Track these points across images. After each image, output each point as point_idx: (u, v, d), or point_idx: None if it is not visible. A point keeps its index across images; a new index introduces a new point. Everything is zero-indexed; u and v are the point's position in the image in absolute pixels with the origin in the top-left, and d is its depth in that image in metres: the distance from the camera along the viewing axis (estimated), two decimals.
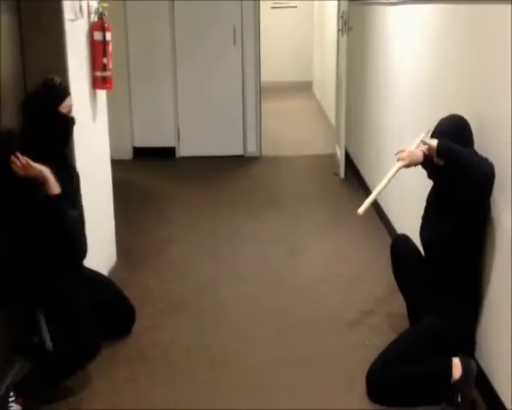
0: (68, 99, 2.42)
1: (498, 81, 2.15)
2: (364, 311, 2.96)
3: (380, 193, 2.56)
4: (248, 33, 5.80)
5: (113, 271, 3.37)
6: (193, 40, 5.77)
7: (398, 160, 2.44)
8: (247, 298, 3.12)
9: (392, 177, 2.49)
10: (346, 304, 3.04)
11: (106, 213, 3.38)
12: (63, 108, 2.38)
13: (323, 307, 3.01)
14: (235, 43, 5.80)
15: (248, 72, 5.88)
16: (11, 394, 2.12)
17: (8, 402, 2.09)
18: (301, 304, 3.05)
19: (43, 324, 2.46)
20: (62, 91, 2.40)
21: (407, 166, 2.41)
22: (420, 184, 3.25)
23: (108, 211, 3.42)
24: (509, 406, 2.04)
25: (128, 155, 5.85)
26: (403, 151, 2.45)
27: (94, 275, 2.69)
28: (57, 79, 2.41)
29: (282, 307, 3.01)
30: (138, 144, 5.88)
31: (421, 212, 3.19)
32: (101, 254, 3.22)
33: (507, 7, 2.07)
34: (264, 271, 3.45)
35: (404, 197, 3.56)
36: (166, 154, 5.87)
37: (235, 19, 5.76)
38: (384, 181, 2.52)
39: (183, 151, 5.97)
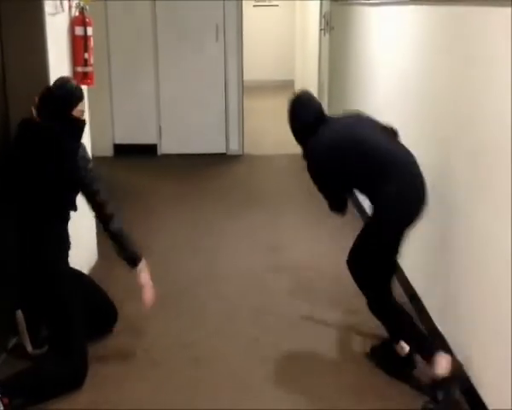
0: (81, 104, 2.41)
1: (480, 80, 2.18)
2: (349, 310, 2.97)
3: None
4: (231, 31, 5.79)
5: (95, 269, 3.33)
6: (175, 37, 5.74)
7: None
8: (229, 296, 3.11)
9: None
10: (330, 303, 3.05)
11: (86, 211, 3.32)
12: (76, 112, 2.38)
13: (306, 306, 3.01)
14: (217, 39, 5.78)
15: (231, 70, 5.87)
16: None
17: None
18: (283, 302, 3.05)
19: (22, 327, 2.42)
20: (78, 96, 2.39)
21: None
22: None
23: (88, 209, 3.36)
24: (491, 406, 2.06)
25: (109, 151, 5.79)
26: None
27: (76, 273, 2.65)
28: (73, 82, 2.43)
29: (263, 306, 3.01)
30: (119, 141, 5.83)
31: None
32: (81, 252, 3.17)
33: (487, 9, 2.10)
34: (246, 269, 3.44)
35: None
36: (148, 151, 5.83)
37: (218, 15, 5.74)
38: None
39: (165, 148, 5.93)
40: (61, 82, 2.40)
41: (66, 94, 2.35)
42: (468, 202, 2.31)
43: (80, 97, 2.40)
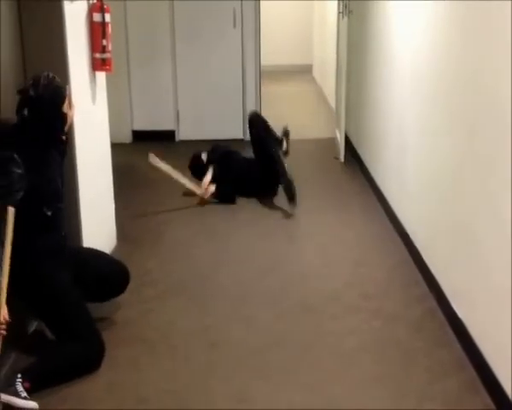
0: (67, 98, 2.42)
1: (499, 66, 2.13)
2: (364, 295, 2.97)
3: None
4: (248, 16, 5.75)
5: (113, 253, 3.36)
6: (192, 23, 5.72)
7: None
8: (247, 281, 3.13)
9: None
10: (345, 288, 3.05)
11: (106, 196, 3.37)
12: (64, 108, 2.39)
13: (323, 291, 3.01)
14: (235, 25, 5.75)
15: (248, 55, 5.84)
16: (19, 375, 2.12)
17: (15, 383, 2.08)
18: (301, 288, 3.06)
19: None
20: (65, 91, 2.39)
21: None
22: (418, 168, 3.24)
23: (109, 194, 3.41)
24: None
25: (127, 138, 5.82)
26: None
27: (78, 249, 2.69)
28: (58, 79, 2.39)
29: (281, 291, 3.02)
30: (137, 128, 5.85)
31: (420, 194, 3.20)
32: (101, 236, 3.22)
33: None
34: (263, 254, 3.45)
35: (403, 181, 3.56)
36: (166, 137, 5.84)
37: (235, 2, 5.70)
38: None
39: (183, 135, 5.94)
40: (48, 80, 2.32)
41: (56, 90, 2.34)
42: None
43: (65, 91, 2.39)
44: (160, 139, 5.78)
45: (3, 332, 2.01)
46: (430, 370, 2.37)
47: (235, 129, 5.96)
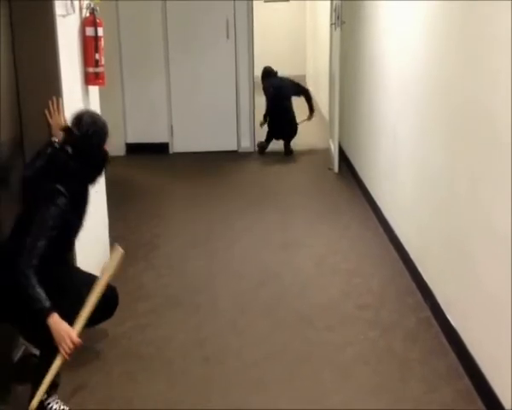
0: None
1: (494, 69, 2.15)
2: (360, 305, 2.97)
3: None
4: (241, 27, 5.79)
5: None
6: (186, 35, 5.75)
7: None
8: (242, 292, 3.12)
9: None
10: (341, 298, 3.05)
11: (99, 211, 3.36)
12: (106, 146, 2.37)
13: (318, 302, 3.01)
14: (228, 37, 5.78)
15: (242, 66, 5.87)
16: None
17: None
18: (296, 298, 3.06)
19: None
20: (107, 129, 2.38)
21: None
22: (412, 179, 3.26)
23: (102, 208, 3.40)
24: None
25: (121, 151, 5.82)
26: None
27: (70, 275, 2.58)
28: (100, 117, 2.40)
29: (276, 302, 3.02)
30: (131, 140, 5.86)
31: (413, 205, 3.22)
32: (95, 251, 3.20)
33: (500, 2, 2.08)
34: (258, 265, 3.45)
35: (397, 191, 3.57)
36: (160, 149, 5.86)
37: (228, 13, 5.74)
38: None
39: (177, 147, 5.96)
40: (93, 119, 2.33)
41: (101, 131, 2.33)
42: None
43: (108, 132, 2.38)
44: (153, 152, 5.80)
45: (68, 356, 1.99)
46: (426, 380, 2.37)
47: (229, 141, 5.98)
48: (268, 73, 6.06)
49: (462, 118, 2.46)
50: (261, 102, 6.09)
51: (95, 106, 3.23)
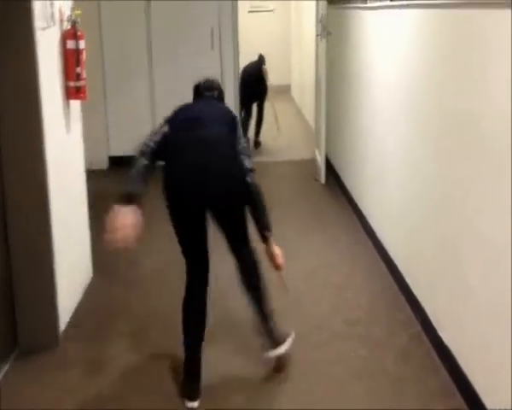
0: None
1: (485, 78, 2.13)
2: (349, 321, 2.92)
3: None
4: (226, 38, 5.74)
5: (90, 287, 3.26)
6: (170, 45, 5.69)
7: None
8: (230, 309, 3.04)
9: None
10: (330, 314, 2.99)
11: (81, 228, 3.27)
12: None
13: (308, 318, 2.95)
14: (212, 47, 5.73)
15: (227, 76, 5.81)
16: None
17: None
18: (286, 314, 2.98)
19: None
20: None
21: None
22: (401, 191, 3.22)
23: (83, 225, 3.31)
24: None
25: (104, 164, 5.72)
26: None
27: None
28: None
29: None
30: (114, 153, 5.76)
31: (402, 218, 3.18)
32: (76, 270, 3.12)
33: (489, 12, 2.05)
34: None
35: (385, 203, 3.53)
36: None
37: (213, 22, 5.69)
38: None
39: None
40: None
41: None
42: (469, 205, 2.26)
43: None
44: None
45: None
46: (418, 398, 2.33)
47: None
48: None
49: (452, 128, 2.43)
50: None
51: (76, 120, 3.16)
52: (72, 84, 2.94)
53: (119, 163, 5.71)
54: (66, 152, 2.98)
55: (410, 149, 3.05)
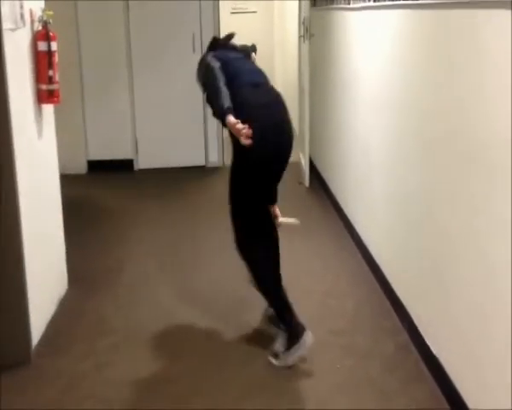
0: None
1: (474, 82, 2.05)
2: (334, 330, 2.83)
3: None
4: (208, 40, 5.60)
5: (65, 299, 3.12)
6: (150, 48, 5.57)
7: None
8: (214, 321, 2.93)
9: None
10: (315, 323, 2.87)
11: (55, 236, 3.14)
12: None
13: None
14: (194, 50, 5.62)
15: None
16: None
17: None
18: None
19: None
20: None
21: None
22: (386, 195, 3.15)
23: (58, 233, 3.18)
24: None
25: (82, 169, 5.58)
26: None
27: None
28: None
29: (249, 329, 2.84)
30: (93, 157, 5.62)
31: (388, 222, 3.11)
32: (50, 281, 2.99)
33: (475, 12, 1.98)
34: (229, 289, 3.27)
35: (371, 207, 3.46)
36: (124, 166, 5.63)
37: (195, 26, 5.58)
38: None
39: (142, 163, 5.75)
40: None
41: None
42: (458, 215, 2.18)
43: None
44: (117, 169, 5.58)
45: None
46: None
47: (196, 156, 5.81)
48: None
49: (441, 134, 2.35)
50: None
51: (49, 125, 3.04)
52: (44, 87, 2.81)
53: (97, 167, 5.58)
54: (38, 158, 2.85)
55: (396, 154, 2.98)
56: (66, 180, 3.30)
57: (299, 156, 5.53)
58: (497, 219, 1.85)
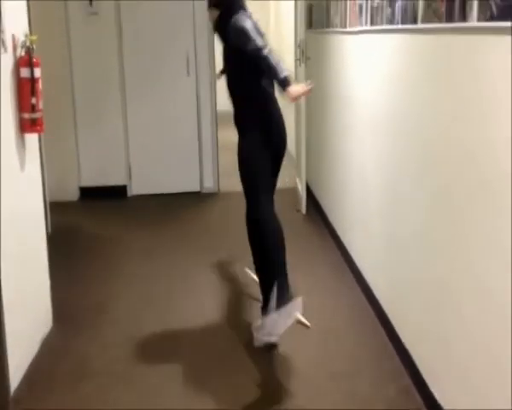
0: None
1: (479, 111, 1.92)
2: (334, 374, 2.66)
3: None
4: (202, 63, 5.54)
5: (49, 338, 2.95)
6: (143, 72, 5.46)
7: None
8: (204, 365, 2.75)
9: None
10: (313, 366, 2.72)
11: (38, 270, 2.98)
12: None
13: (290, 370, 2.68)
14: (188, 73, 5.52)
15: (203, 103, 5.60)
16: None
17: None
18: (264, 366, 2.72)
19: None
20: None
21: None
22: (385, 226, 3.00)
23: (41, 267, 3.02)
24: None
25: (74, 196, 5.43)
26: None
27: None
28: None
29: (243, 371, 2.67)
30: (85, 184, 5.47)
31: (387, 255, 2.95)
32: (32, 320, 2.82)
33: (474, 38, 1.86)
34: (222, 327, 3.10)
35: (369, 239, 3.31)
36: (117, 193, 5.48)
37: (189, 48, 5.49)
38: None
39: (136, 189, 5.60)
40: None
41: None
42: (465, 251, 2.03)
43: None
44: (110, 196, 5.43)
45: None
46: None
47: (191, 181, 5.67)
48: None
49: (443, 164, 2.20)
50: (225, 140, 5.80)
51: (33, 155, 2.90)
52: (26, 116, 2.68)
53: (90, 194, 5.44)
54: (19, 189, 2.70)
55: (395, 184, 2.83)
56: (57, 208, 3.17)
57: (296, 182, 5.39)
58: (501, 259, 1.70)
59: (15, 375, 2.53)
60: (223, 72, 3.19)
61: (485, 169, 1.84)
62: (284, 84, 2.59)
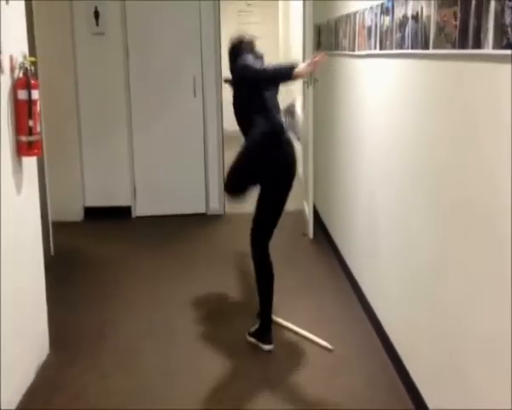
0: None
1: (488, 143, 1.81)
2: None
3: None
4: (209, 84, 5.48)
5: (45, 366, 2.84)
6: (150, 92, 5.41)
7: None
8: (204, 396, 2.63)
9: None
10: (319, 404, 2.58)
11: (35, 296, 2.89)
12: None
13: (293, 408, 2.54)
14: (195, 95, 5.46)
15: (210, 125, 5.53)
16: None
17: None
18: (268, 403, 2.58)
19: None
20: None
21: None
22: (394, 257, 2.87)
23: (39, 292, 2.93)
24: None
25: (78, 216, 5.35)
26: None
27: None
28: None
29: (247, 405, 2.54)
30: (90, 204, 5.40)
31: (397, 288, 2.82)
32: (28, 346, 2.72)
33: (487, 65, 1.75)
34: (222, 358, 2.97)
35: (377, 270, 3.18)
36: (121, 213, 5.40)
37: (195, 69, 5.44)
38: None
39: (140, 210, 5.51)
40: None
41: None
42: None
43: None
44: (114, 216, 5.35)
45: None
46: None
47: (197, 203, 5.58)
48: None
49: (456, 192, 2.09)
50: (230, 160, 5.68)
51: (31, 179, 2.82)
52: (23, 139, 2.61)
53: (94, 214, 5.36)
54: (15, 214, 2.61)
55: (404, 215, 2.71)
56: (61, 228, 3.08)
57: (304, 205, 5.28)
58: None
59: (9, 404, 2.44)
60: (228, 80, 3.34)
61: (499, 215, 1.72)
62: (289, 71, 2.67)
